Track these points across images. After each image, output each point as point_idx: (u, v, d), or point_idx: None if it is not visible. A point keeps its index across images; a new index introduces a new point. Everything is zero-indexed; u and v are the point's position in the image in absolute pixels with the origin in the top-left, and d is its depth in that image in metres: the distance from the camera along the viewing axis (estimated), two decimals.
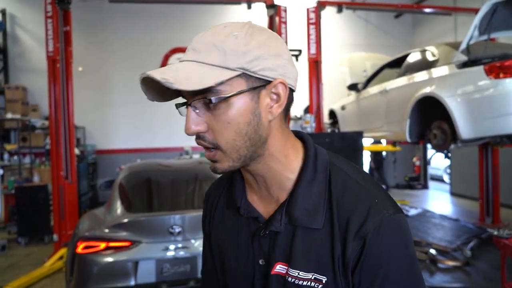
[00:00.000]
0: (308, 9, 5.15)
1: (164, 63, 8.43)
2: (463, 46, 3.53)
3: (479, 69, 3.31)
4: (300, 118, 7.65)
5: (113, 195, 3.14)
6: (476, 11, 6.02)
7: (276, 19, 5.08)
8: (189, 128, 0.63)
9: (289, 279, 0.66)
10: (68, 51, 4.74)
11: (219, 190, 0.84)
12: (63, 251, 4.42)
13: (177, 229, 2.61)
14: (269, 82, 0.63)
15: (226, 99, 0.61)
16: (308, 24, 5.11)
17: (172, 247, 2.59)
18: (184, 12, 8.20)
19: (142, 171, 3.51)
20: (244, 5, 5.24)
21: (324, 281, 0.64)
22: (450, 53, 3.81)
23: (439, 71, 3.82)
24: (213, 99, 0.60)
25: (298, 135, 0.74)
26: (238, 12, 8.07)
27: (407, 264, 0.63)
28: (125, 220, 2.67)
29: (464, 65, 3.53)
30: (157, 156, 7.62)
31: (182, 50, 8.52)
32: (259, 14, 6.34)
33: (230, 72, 0.60)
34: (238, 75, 0.60)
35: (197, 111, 0.63)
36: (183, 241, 2.62)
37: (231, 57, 0.60)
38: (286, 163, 0.69)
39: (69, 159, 4.68)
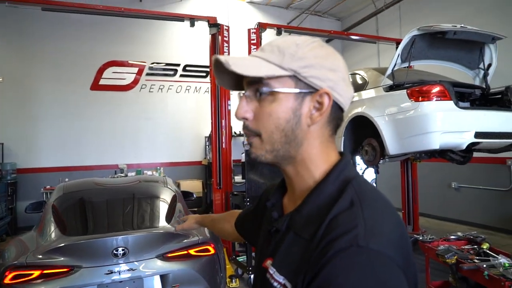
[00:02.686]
0: (249, 30, 5.35)
1: (98, 77, 8.03)
2: (388, 71, 3.95)
3: (402, 93, 3.73)
4: (242, 135, 7.78)
5: (46, 217, 2.90)
6: (394, 40, 6.81)
7: (218, 38, 5.18)
8: (238, 113, 0.73)
9: (267, 275, 0.70)
10: None
11: (272, 189, 0.90)
12: None
13: (122, 251, 2.49)
14: (316, 90, 0.70)
15: (273, 93, 0.69)
16: (250, 44, 5.29)
17: (116, 270, 2.45)
18: (120, 25, 7.91)
19: (78, 190, 3.29)
20: (187, 22, 5.25)
21: None
22: (378, 77, 4.24)
23: (369, 93, 4.22)
24: (264, 89, 0.69)
25: (341, 153, 0.77)
26: (179, 28, 8.06)
27: None
28: (62, 244, 2.48)
29: (390, 88, 3.95)
30: (88, 175, 7.12)
31: (117, 63, 8.22)
32: (201, 31, 6.42)
33: (282, 71, 0.68)
34: (289, 76, 0.69)
35: (248, 100, 0.72)
36: (128, 263, 2.50)
37: (287, 59, 0.69)
38: (313, 172, 0.73)
39: None
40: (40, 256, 2.42)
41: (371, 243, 0.57)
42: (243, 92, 0.74)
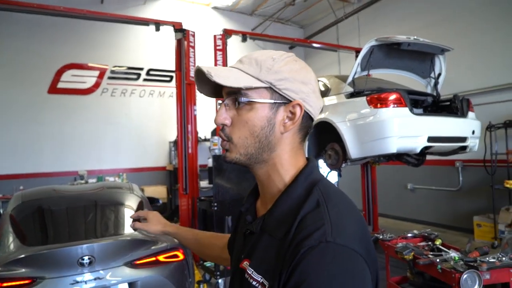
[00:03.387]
0: (215, 36, 5.39)
1: (56, 80, 7.69)
2: (349, 79, 4.15)
3: (362, 100, 3.93)
4: (208, 140, 7.76)
5: (3, 228, 2.76)
6: (354, 49, 7.14)
7: (184, 43, 5.18)
8: (217, 119, 0.79)
9: (246, 275, 0.75)
10: None
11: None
12: None
13: (88, 260, 2.43)
14: (289, 101, 0.77)
15: (251, 102, 0.76)
16: (215, 50, 5.33)
17: (82, 279, 2.39)
18: (81, 26, 7.62)
19: (38, 199, 3.16)
20: (152, 27, 5.19)
21: (267, 287, 0.69)
22: (339, 84, 4.44)
23: (331, 100, 4.40)
24: (242, 99, 0.76)
25: (308, 159, 0.85)
26: (141, 31, 7.92)
27: None
28: (23, 255, 2.37)
29: (351, 95, 4.15)
30: (45, 182, 6.78)
31: (77, 66, 7.92)
32: (165, 35, 6.37)
33: (260, 83, 0.75)
34: (265, 88, 0.76)
35: (227, 108, 0.79)
36: (94, 272, 2.44)
37: (264, 72, 0.75)
38: (283, 176, 0.79)
39: None
40: None
41: (338, 238, 0.64)
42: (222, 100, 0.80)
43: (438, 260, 2.79)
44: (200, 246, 1.22)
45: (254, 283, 0.72)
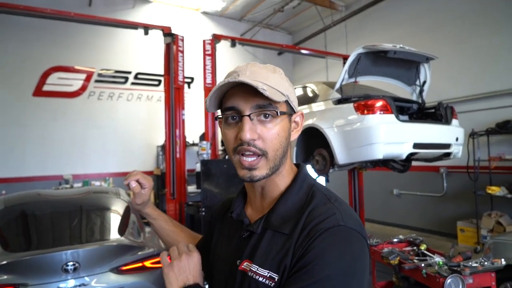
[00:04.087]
0: (204, 41, 5.39)
1: (41, 82, 7.56)
2: (337, 86, 4.20)
3: (350, 106, 3.98)
4: (196, 145, 7.73)
5: None
6: (341, 56, 7.24)
7: (173, 47, 5.16)
8: (246, 135, 0.75)
9: (250, 273, 0.76)
10: None
11: (229, 204, 0.96)
12: None
13: (73, 266, 2.39)
14: (294, 112, 0.84)
15: (277, 116, 0.77)
16: (204, 55, 5.33)
17: (66, 286, 2.35)
18: (67, 29, 7.51)
19: (21, 203, 3.10)
20: (140, 30, 5.17)
21: (276, 279, 0.72)
22: (327, 91, 4.49)
23: (319, 106, 4.44)
24: (279, 112, 0.77)
25: (299, 164, 0.91)
26: (130, 35, 7.87)
27: (336, 274, 0.67)
28: (5, 262, 2.32)
29: (339, 101, 4.20)
30: (29, 187, 6.64)
31: (64, 69, 7.82)
32: (153, 39, 6.34)
33: (283, 97, 0.78)
34: (285, 101, 0.79)
35: (253, 122, 0.76)
36: (79, 279, 2.40)
37: (282, 86, 0.79)
38: (286, 179, 0.84)
39: None
40: None
41: (348, 223, 0.73)
42: (247, 114, 0.75)
43: (423, 265, 2.83)
44: (175, 242, 1.09)
45: (260, 279, 0.74)
